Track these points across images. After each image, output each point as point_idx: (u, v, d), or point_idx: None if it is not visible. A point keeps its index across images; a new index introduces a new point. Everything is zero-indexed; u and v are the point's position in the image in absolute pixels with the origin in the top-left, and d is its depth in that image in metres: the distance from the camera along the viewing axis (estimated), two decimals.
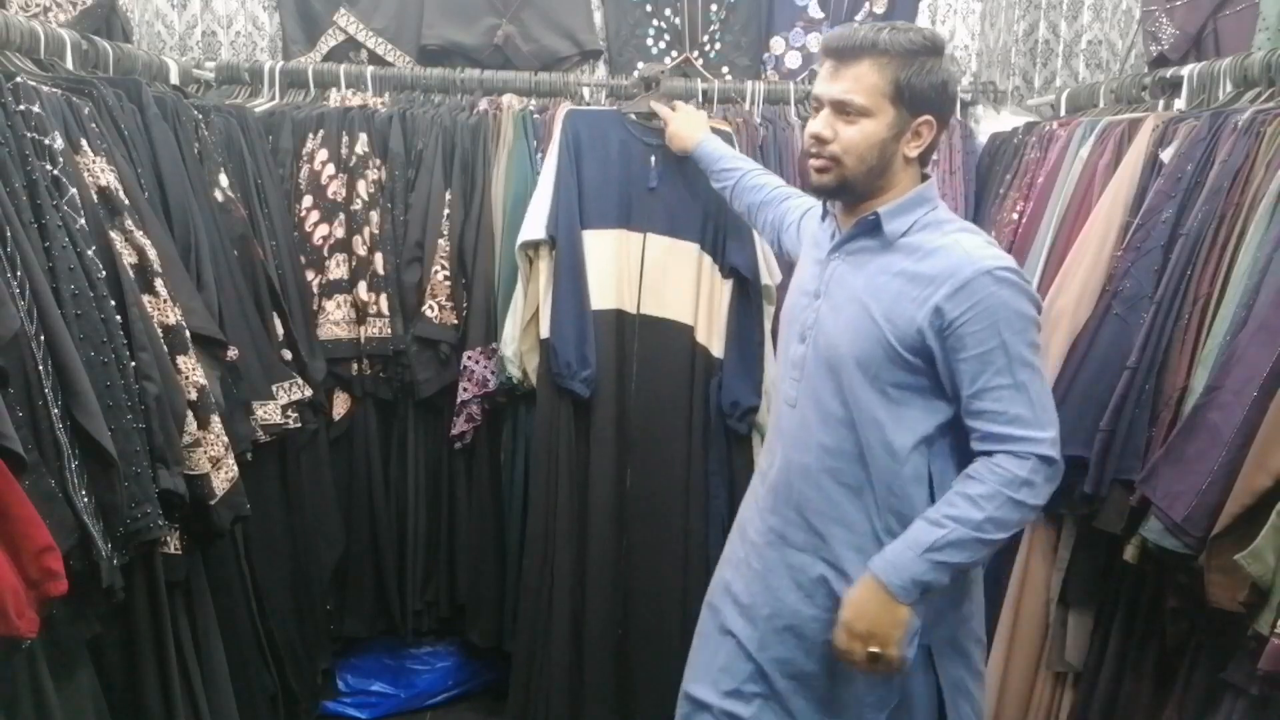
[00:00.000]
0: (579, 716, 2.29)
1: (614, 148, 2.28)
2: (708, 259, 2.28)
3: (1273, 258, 1.44)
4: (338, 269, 2.30)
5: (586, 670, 2.29)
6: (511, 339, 2.30)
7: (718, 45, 2.77)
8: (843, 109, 1.42)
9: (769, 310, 2.35)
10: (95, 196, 1.51)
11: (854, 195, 1.48)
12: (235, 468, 1.67)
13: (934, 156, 1.61)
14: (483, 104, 2.49)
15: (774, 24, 2.77)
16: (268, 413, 1.92)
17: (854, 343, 1.46)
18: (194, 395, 1.58)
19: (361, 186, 2.31)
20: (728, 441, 2.36)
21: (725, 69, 2.77)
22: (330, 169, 2.31)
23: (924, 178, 1.50)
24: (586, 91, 2.65)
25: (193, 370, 1.59)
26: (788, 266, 2.06)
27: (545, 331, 2.24)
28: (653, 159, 2.28)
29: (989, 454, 1.39)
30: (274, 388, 1.96)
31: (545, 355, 2.26)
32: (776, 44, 2.77)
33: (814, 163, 1.47)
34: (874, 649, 1.40)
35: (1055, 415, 1.41)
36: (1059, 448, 1.40)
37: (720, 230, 2.27)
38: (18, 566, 1.17)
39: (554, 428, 2.29)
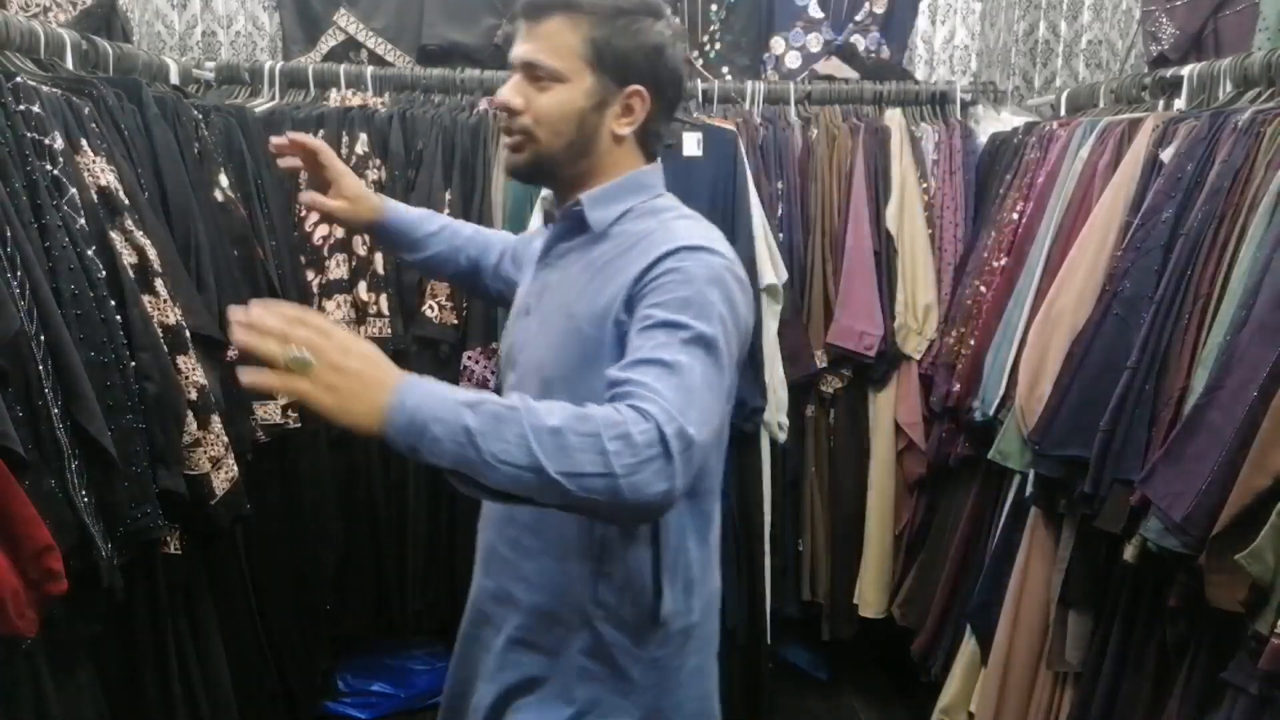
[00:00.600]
0: None
1: None
2: None
3: (1273, 258, 1.44)
4: (338, 269, 2.30)
5: None
6: None
7: (718, 45, 2.77)
8: (533, 73, 1.19)
9: (775, 309, 2.35)
10: (95, 196, 1.51)
11: (554, 179, 1.26)
12: (235, 468, 1.67)
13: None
14: (483, 104, 2.49)
15: (774, 24, 2.77)
16: (268, 413, 1.92)
17: (562, 360, 1.19)
18: (194, 395, 1.58)
19: None
20: (734, 442, 2.36)
21: (725, 69, 2.77)
22: None
23: (652, 162, 1.28)
24: None
25: (193, 370, 1.59)
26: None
27: None
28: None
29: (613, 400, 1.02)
30: None
31: None
32: (776, 44, 2.77)
33: (506, 140, 1.24)
34: (315, 363, 0.91)
35: (707, 414, 1.02)
36: (687, 444, 0.98)
37: (727, 230, 2.27)
38: (18, 566, 1.17)
39: None
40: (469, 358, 2.35)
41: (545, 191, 1.35)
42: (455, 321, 2.36)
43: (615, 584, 1.21)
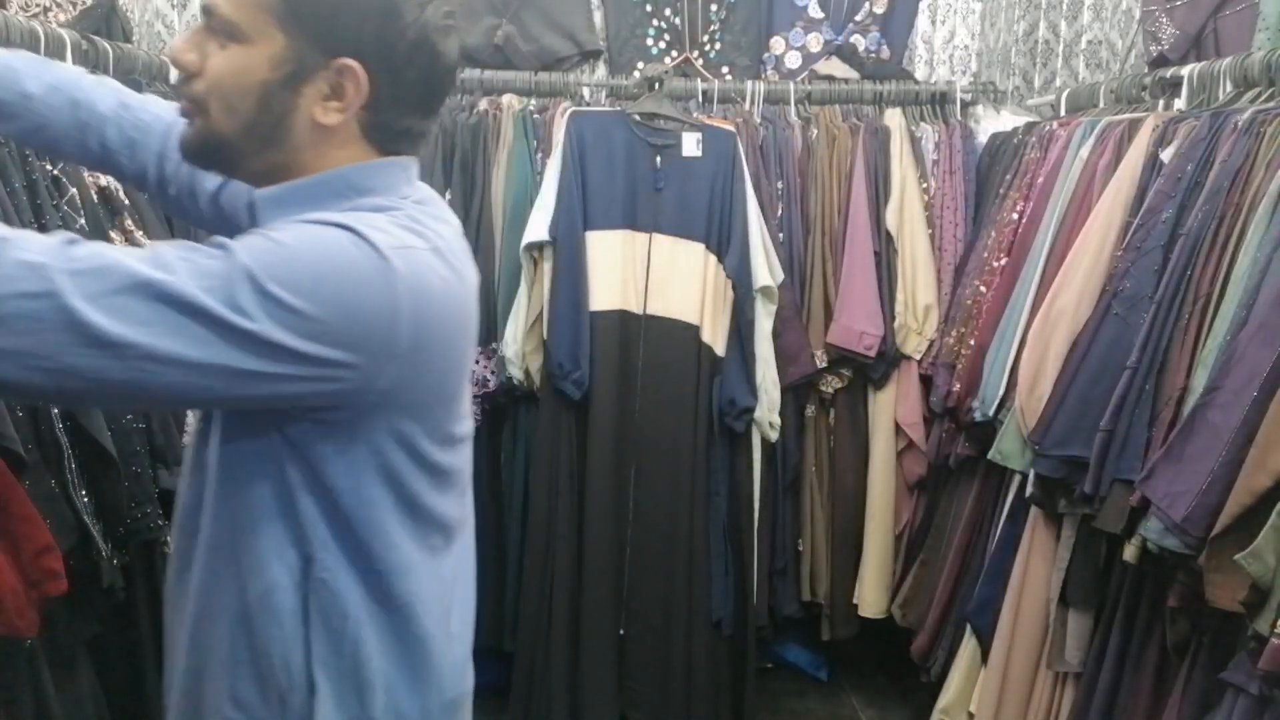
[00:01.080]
0: (580, 716, 2.30)
1: (618, 149, 2.29)
2: (713, 259, 2.29)
3: (1273, 258, 1.44)
4: None
5: (587, 670, 2.30)
6: (513, 339, 2.31)
7: (718, 45, 2.77)
8: (210, 20, 0.87)
9: (771, 309, 2.35)
10: (95, 196, 1.52)
11: (237, 170, 0.94)
12: None
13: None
14: (483, 104, 2.49)
15: (774, 24, 2.77)
16: None
17: None
18: None
19: None
20: (729, 440, 2.37)
21: (725, 69, 2.77)
22: None
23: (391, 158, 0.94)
24: (586, 91, 2.65)
25: None
26: None
27: (546, 333, 2.26)
28: (658, 159, 2.29)
29: None
30: None
31: (546, 356, 2.27)
32: (776, 44, 2.77)
33: (178, 105, 0.94)
34: None
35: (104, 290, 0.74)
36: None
37: (725, 230, 2.28)
38: (18, 566, 1.17)
39: (557, 427, 2.30)
40: None
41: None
42: None
43: (252, 672, 0.91)
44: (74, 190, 1.45)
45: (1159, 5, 2.24)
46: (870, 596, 2.57)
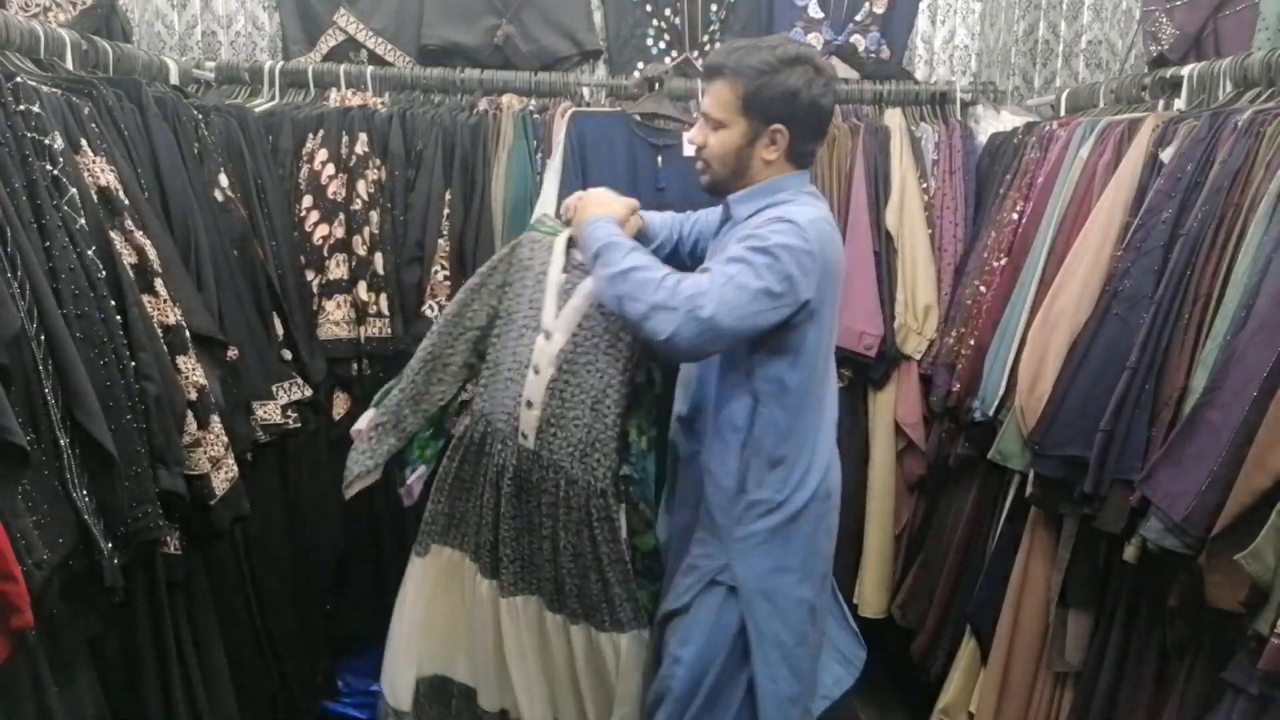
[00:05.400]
0: None
1: (619, 149, 2.29)
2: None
3: (1272, 258, 1.44)
4: (338, 269, 2.30)
5: None
6: None
7: (717, 45, 2.77)
8: (706, 119, 1.67)
9: None
10: (95, 196, 1.51)
11: (727, 192, 1.72)
12: (235, 468, 1.67)
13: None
14: (483, 104, 2.49)
15: (774, 24, 2.77)
16: (268, 413, 1.92)
17: None
18: (194, 395, 1.58)
19: (361, 186, 2.31)
20: None
21: None
22: (330, 169, 2.31)
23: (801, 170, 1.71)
24: (586, 91, 2.65)
25: (193, 370, 1.59)
26: None
27: None
28: (659, 159, 2.29)
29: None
30: (274, 388, 1.96)
31: None
32: None
33: (696, 165, 1.73)
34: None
35: (719, 305, 1.52)
36: (701, 319, 1.51)
37: None
38: None
39: None
40: None
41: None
42: None
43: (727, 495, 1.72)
44: (74, 190, 1.45)
45: (1159, 5, 2.24)
46: (870, 596, 2.57)
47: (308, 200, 2.31)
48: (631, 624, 1.78)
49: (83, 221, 1.45)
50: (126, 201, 1.57)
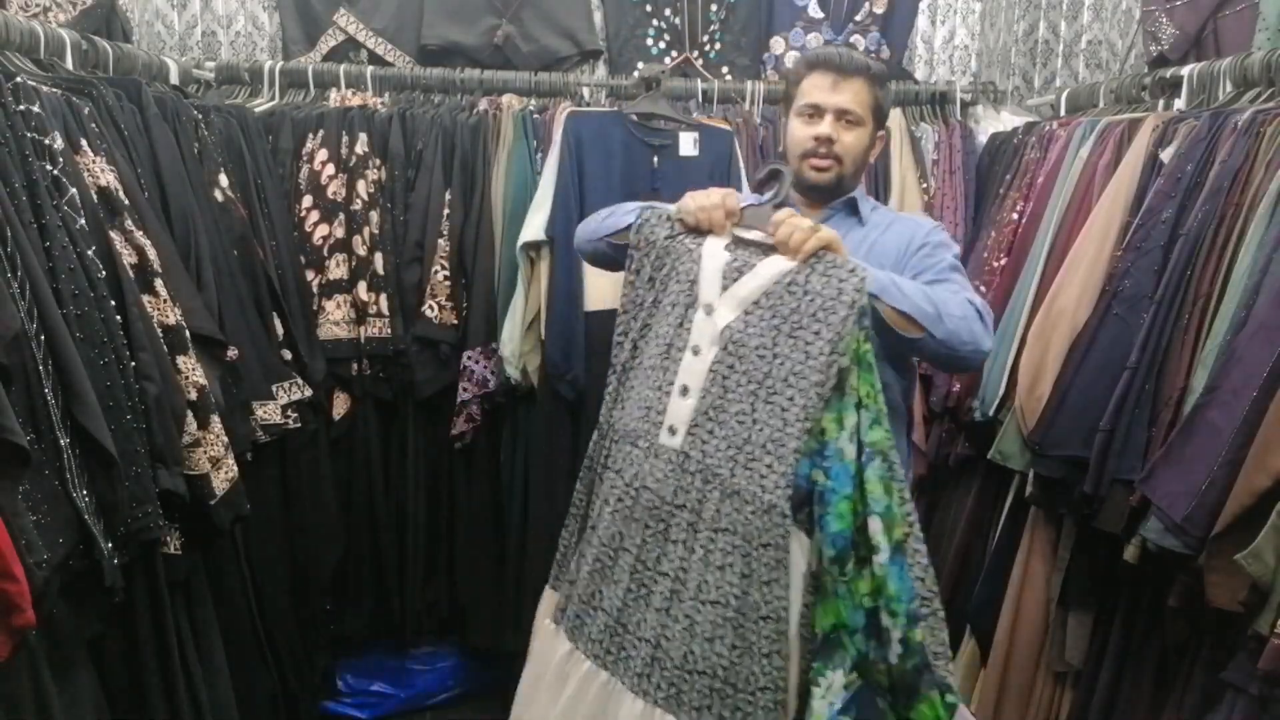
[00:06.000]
0: None
1: (616, 148, 2.28)
2: None
3: (1272, 258, 1.44)
4: (338, 269, 2.30)
5: None
6: (510, 339, 2.31)
7: (718, 45, 2.77)
8: (846, 115, 1.67)
9: None
10: (95, 196, 1.51)
11: (843, 189, 1.73)
12: (235, 468, 1.67)
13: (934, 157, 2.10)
14: (483, 104, 2.49)
15: (774, 24, 2.77)
16: (268, 413, 1.92)
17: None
18: (194, 395, 1.58)
19: (361, 186, 2.31)
20: None
21: (725, 69, 2.77)
22: (330, 169, 2.31)
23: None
24: (586, 91, 2.65)
25: (193, 370, 1.59)
26: None
27: (544, 332, 2.26)
28: (655, 159, 2.28)
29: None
30: (274, 388, 1.96)
31: (544, 356, 2.27)
32: (776, 44, 2.77)
33: (819, 162, 1.69)
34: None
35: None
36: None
37: None
38: None
39: (554, 427, 2.29)
40: (469, 358, 2.35)
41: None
42: (455, 322, 2.36)
43: None
44: (74, 190, 1.45)
45: (1159, 5, 2.24)
46: None
47: (308, 200, 2.31)
48: None
49: (83, 221, 1.45)
50: (126, 201, 1.57)
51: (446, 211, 2.36)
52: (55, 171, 1.43)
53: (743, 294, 1.40)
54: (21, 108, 1.41)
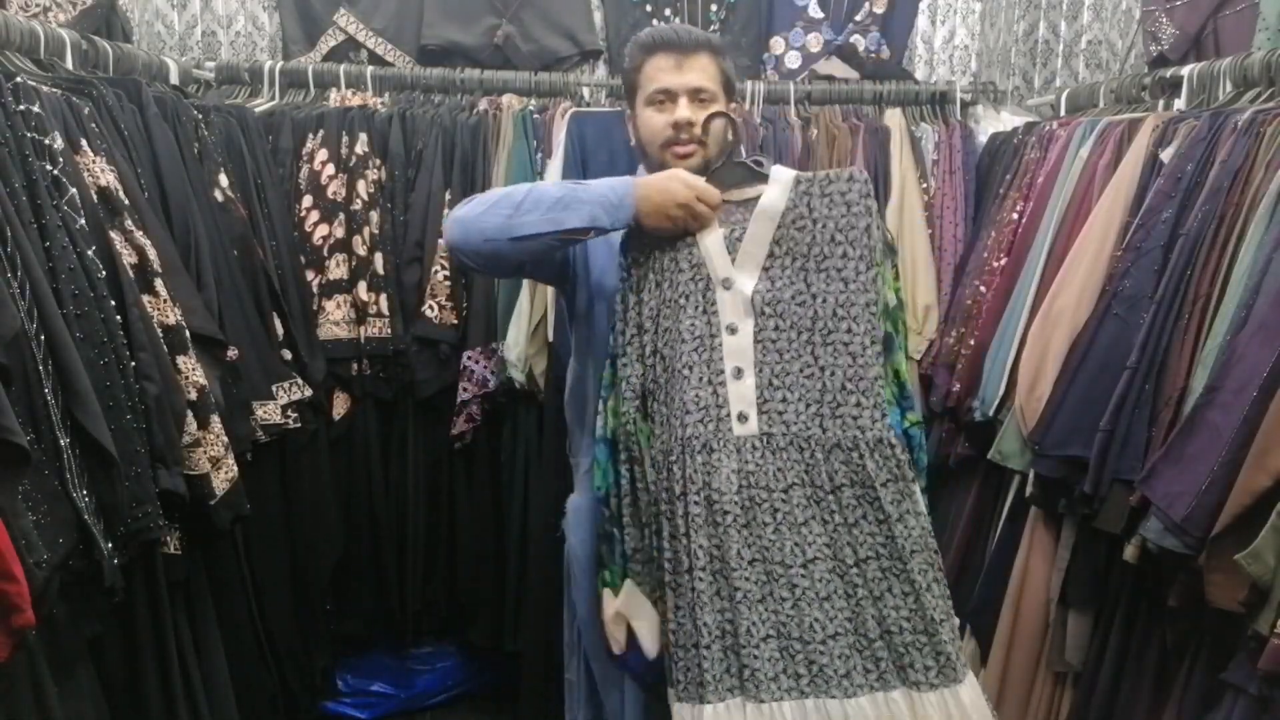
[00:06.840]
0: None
1: (620, 149, 2.28)
2: None
3: (1272, 258, 1.44)
4: (338, 269, 2.30)
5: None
6: (516, 343, 2.30)
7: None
8: (700, 94, 1.53)
9: None
10: (95, 196, 1.51)
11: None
12: (235, 468, 1.67)
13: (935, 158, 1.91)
14: (483, 104, 2.49)
15: (774, 24, 2.77)
16: (268, 413, 1.92)
17: None
18: (194, 395, 1.58)
19: (361, 186, 2.31)
20: None
21: None
22: (330, 169, 2.31)
23: None
24: (586, 91, 2.65)
25: (193, 370, 1.59)
26: None
27: (552, 335, 2.25)
28: None
29: None
30: (274, 388, 1.96)
31: (551, 359, 2.27)
32: (776, 44, 2.77)
33: (683, 149, 1.52)
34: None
35: None
36: None
37: None
38: None
39: (554, 426, 2.29)
40: (469, 358, 2.35)
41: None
42: (455, 322, 2.36)
43: None
44: (74, 190, 1.45)
45: (1159, 5, 2.24)
46: None
47: (308, 200, 2.31)
48: (965, 666, 1.28)
49: (83, 221, 1.45)
50: (126, 201, 1.57)
51: (446, 211, 2.36)
52: (55, 171, 1.43)
53: (754, 253, 1.33)
54: (21, 108, 1.41)
